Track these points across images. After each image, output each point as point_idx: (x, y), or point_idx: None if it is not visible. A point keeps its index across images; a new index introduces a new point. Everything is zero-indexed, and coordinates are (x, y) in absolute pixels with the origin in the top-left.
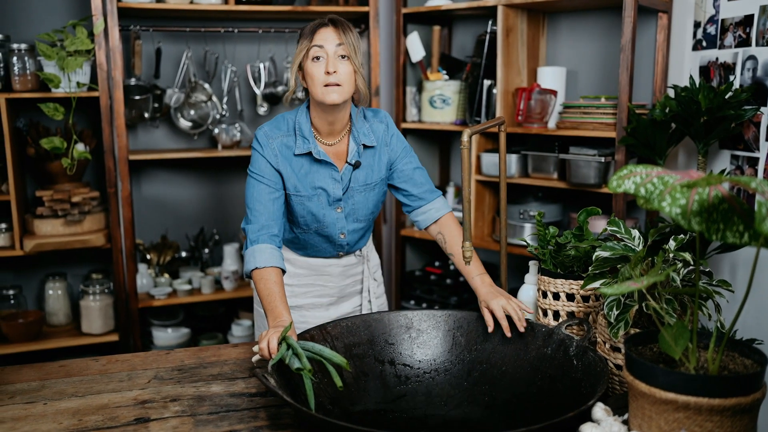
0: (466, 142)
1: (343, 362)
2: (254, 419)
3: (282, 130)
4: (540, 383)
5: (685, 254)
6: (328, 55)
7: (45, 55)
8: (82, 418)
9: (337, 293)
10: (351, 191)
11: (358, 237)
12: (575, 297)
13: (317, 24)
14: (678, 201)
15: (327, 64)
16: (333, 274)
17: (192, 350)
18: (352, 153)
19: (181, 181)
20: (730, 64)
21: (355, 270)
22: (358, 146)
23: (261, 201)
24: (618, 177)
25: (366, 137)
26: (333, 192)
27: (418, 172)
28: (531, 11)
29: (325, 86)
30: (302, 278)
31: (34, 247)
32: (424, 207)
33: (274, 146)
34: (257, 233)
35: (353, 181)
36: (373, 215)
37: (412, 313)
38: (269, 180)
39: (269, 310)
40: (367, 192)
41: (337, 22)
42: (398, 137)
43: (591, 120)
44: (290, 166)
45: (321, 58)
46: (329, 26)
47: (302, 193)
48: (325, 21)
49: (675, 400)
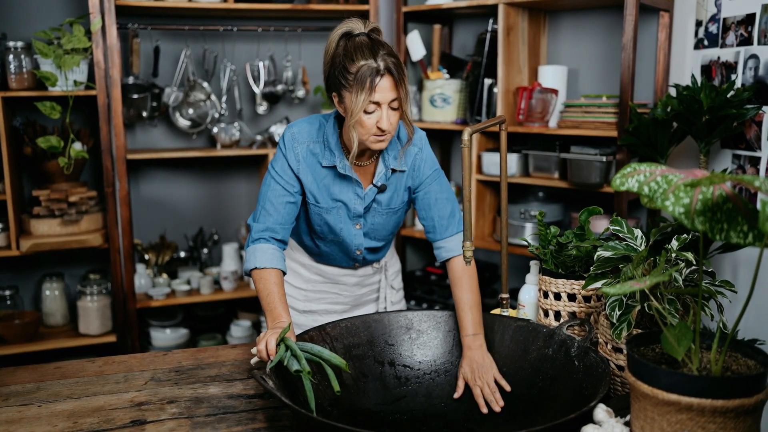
0: (467, 140)
1: (342, 364)
2: (252, 421)
3: (311, 134)
4: (541, 384)
5: (687, 254)
6: (382, 109)
7: (42, 54)
8: (77, 421)
9: (351, 301)
10: (372, 212)
11: (376, 252)
12: (576, 297)
13: (374, 72)
14: (681, 200)
15: (381, 119)
16: (348, 284)
17: (190, 351)
18: (379, 175)
19: (179, 181)
20: (731, 63)
21: (372, 279)
22: (387, 169)
23: (273, 202)
24: (621, 175)
25: (396, 161)
26: (354, 207)
27: (442, 202)
28: (532, 10)
29: (373, 135)
30: (316, 284)
31: (30, 247)
32: (439, 242)
33: (299, 151)
34: (261, 233)
35: (376, 203)
36: (392, 234)
37: (412, 314)
38: (287, 183)
39: (268, 311)
40: (389, 215)
41: (393, 71)
42: (430, 161)
43: (592, 119)
44: (312, 175)
45: (375, 111)
46: (386, 76)
47: (321, 204)
48: (382, 70)
49: (678, 402)
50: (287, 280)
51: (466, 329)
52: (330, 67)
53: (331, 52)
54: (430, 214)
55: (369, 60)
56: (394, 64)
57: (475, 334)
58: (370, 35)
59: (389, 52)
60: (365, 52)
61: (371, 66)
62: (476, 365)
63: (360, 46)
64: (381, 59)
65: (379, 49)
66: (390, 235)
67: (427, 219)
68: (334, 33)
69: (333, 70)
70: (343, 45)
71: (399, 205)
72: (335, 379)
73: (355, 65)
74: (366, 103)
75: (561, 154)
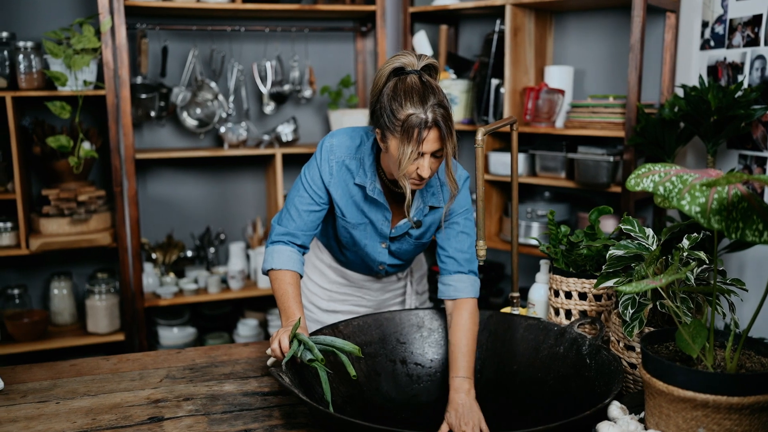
0: (481, 141)
1: (355, 349)
2: (269, 418)
3: (350, 150)
4: (552, 382)
5: (699, 253)
6: (425, 159)
7: (52, 53)
8: (95, 417)
9: (375, 305)
10: (401, 240)
11: (400, 268)
12: (587, 296)
13: (422, 123)
14: (697, 199)
15: (422, 167)
16: (372, 289)
17: (203, 349)
18: (416, 210)
19: (186, 180)
20: (738, 63)
21: (395, 286)
22: (425, 206)
23: (297, 209)
24: (636, 175)
25: (435, 198)
26: (381, 228)
27: (463, 237)
28: (538, 10)
29: (410, 179)
30: (341, 287)
31: (40, 246)
32: (450, 277)
33: (333, 164)
34: (281, 236)
35: (408, 235)
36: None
37: (424, 312)
38: (315, 193)
39: (282, 310)
40: (417, 247)
41: (441, 125)
42: (464, 200)
43: (599, 119)
44: (342, 190)
45: (417, 159)
46: (434, 128)
47: (348, 219)
48: (430, 122)
49: (693, 399)
50: (313, 277)
51: (457, 371)
52: (376, 102)
53: (380, 86)
54: (449, 245)
55: (418, 110)
56: (443, 117)
57: (465, 377)
58: (422, 77)
59: (440, 102)
60: (414, 99)
61: (420, 117)
62: (463, 410)
63: (410, 90)
64: (431, 110)
65: (430, 97)
66: (413, 259)
67: (446, 250)
68: (386, 66)
69: (379, 107)
70: (393, 84)
71: (429, 238)
72: (350, 365)
73: (403, 112)
74: (414, 155)
75: (568, 154)
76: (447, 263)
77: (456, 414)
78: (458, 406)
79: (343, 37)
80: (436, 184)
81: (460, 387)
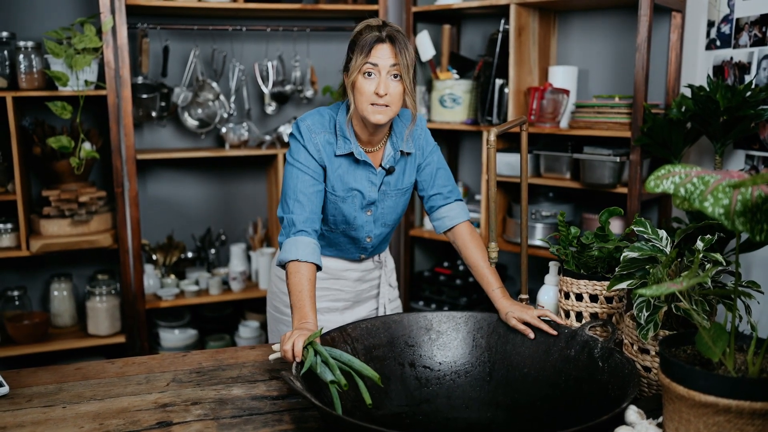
0: (493, 141)
1: (375, 377)
2: (279, 422)
3: (324, 126)
4: (564, 385)
5: (716, 255)
6: (380, 74)
7: (53, 53)
8: (103, 422)
9: (352, 298)
10: (382, 195)
11: (382, 240)
12: (599, 298)
13: (374, 39)
14: (721, 201)
15: (378, 84)
16: (350, 279)
17: (209, 352)
18: (388, 158)
19: (187, 181)
20: (744, 63)
21: (372, 275)
22: (396, 152)
23: (305, 192)
24: (656, 177)
25: (405, 144)
26: (368, 195)
27: (441, 172)
28: (542, 10)
29: (371, 105)
30: (319, 282)
31: (41, 248)
32: (440, 211)
33: (317, 141)
34: (303, 224)
35: (385, 185)
36: (398, 220)
37: (432, 315)
38: (314, 172)
39: (296, 308)
40: (398, 197)
41: (394, 40)
42: (429, 136)
43: (605, 120)
44: (329, 163)
45: (373, 75)
46: (386, 43)
47: (338, 194)
48: (383, 36)
49: (715, 404)
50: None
51: (491, 284)
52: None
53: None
54: (433, 183)
55: (374, 31)
56: (398, 33)
57: (500, 287)
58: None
59: (397, 29)
60: (374, 27)
61: (374, 34)
62: (519, 307)
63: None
64: (386, 30)
65: (388, 25)
66: (396, 221)
67: (431, 188)
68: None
69: (348, 54)
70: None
71: (408, 185)
72: (366, 392)
73: (362, 36)
74: (363, 63)
75: (574, 154)
76: (434, 199)
77: (519, 309)
78: (514, 305)
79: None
80: (405, 132)
81: (504, 295)
